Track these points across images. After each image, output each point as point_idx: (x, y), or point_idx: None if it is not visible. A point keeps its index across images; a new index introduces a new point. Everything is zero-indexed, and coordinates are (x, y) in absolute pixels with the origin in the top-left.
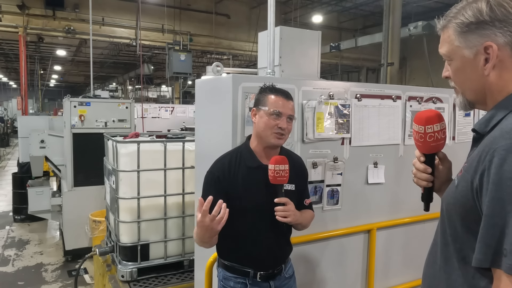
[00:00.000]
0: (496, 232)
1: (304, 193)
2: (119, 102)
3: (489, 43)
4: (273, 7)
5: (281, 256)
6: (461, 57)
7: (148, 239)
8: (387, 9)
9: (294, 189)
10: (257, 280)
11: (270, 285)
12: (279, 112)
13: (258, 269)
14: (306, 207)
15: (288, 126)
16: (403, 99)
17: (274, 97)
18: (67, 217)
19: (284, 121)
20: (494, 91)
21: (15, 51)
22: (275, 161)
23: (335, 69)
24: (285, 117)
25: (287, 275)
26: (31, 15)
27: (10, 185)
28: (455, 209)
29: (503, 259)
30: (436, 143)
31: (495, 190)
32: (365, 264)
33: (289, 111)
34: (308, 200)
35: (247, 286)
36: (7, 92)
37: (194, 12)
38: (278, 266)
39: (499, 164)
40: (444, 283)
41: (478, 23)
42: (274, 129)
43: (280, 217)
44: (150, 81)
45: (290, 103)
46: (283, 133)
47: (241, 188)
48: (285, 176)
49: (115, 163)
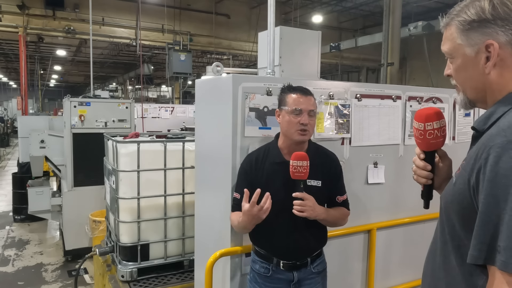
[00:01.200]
0: (491, 229)
1: (335, 190)
2: (119, 102)
3: (490, 41)
4: (273, 7)
5: (306, 249)
6: (463, 55)
7: (148, 239)
8: (387, 9)
9: (320, 185)
10: (280, 268)
11: (293, 275)
12: (299, 110)
13: (281, 258)
14: (338, 204)
15: (311, 121)
16: (403, 99)
17: (293, 96)
18: (67, 217)
19: (305, 117)
20: (494, 90)
21: (15, 51)
22: (294, 157)
23: (335, 69)
24: (306, 113)
25: (314, 270)
26: (31, 15)
27: (10, 185)
28: (453, 207)
29: (497, 255)
30: (435, 141)
31: (490, 187)
32: (365, 264)
33: (310, 106)
34: (341, 197)
35: (269, 272)
36: (7, 92)
37: (194, 12)
38: (303, 258)
39: (495, 162)
40: (443, 281)
41: (480, 21)
42: (297, 126)
43: (297, 211)
44: (150, 81)
45: (309, 99)
46: (306, 129)
47: (264, 182)
48: (303, 172)
49: (115, 163)
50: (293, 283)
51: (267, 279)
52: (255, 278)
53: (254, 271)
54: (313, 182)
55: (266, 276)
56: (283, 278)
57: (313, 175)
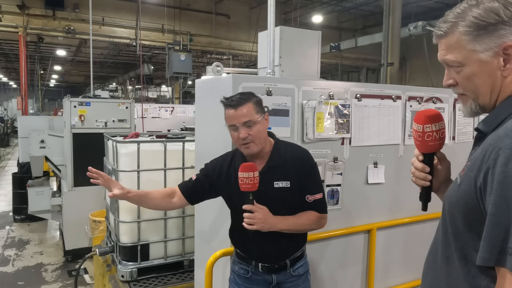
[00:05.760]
0: (502, 231)
1: (305, 189)
2: (119, 102)
3: (509, 43)
4: (273, 7)
5: (282, 252)
6: (477, 61)
7: (148, 239)
8: (387, 9)
9: (289, 186)
10: (259, 270)
11: (272, 278)
12: (233, 125)
13: (259, 260)
14: (309, 204)
15: (250, 131)
16: (403, 99)
17: (226, 111)
18: (67, 217)
19: (242, 131)
20: (507, 92)
21: (15, 51)
22: (242, 168)
23: (335, 69)
24: (240, 126)
25: (294, 273)
26: (31, 15)
27: (10, 185)
28: (457, 208)
29: (508, 257)
30: (434, 143)
31: (500, 188)
32: (365, 264)
33: (242, 118)
34: (312, 197)
35: (248, 273)
36: (7, 92)
37: (194, 12)
38: (280, 261)
39: (504, 163)
40: (445, 281)
41: (495, 24)
42: (239, 141)
43: (246, 225)
44: (150, 81)
45: (241, 109)
46: (247, 141)
47: (225, 186)
48: (251, 183)
49: (115, 163)
50: (272, 285)
51: (246, 281)
52: (235, 279)
53: (234, 272)
54: (281, 184)
55: (246, 277)
56: (262, 280)
57: (280, 176)
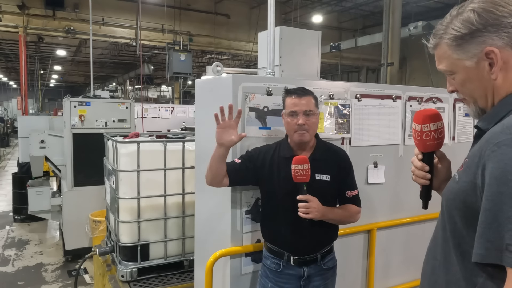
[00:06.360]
0: (497, 226)
1: (344, 185)
2: (119, 102)
3: (489, 48)
4: (273, 7)
5: (314, 244)
6: (464, 68)
7: (148, 239)
8: (387, 9)
9: (329, 180)
10: (291, 263)
11: (304, 271)
12: (294, 112)
13: (291, 253)
14: (348, 199)
15: (307, 121)
16: (403, 99)
17: (289, 99)
18: (67, 217)
19: (301, 118)
20: (501, 92)
21: (15, 51)
22: (295, 160)
23: (335, 69)
24: (301, 113)
25: (324, 266)
26: (31, 15)
27: (10, 185)
28: (455, 204)
29: (506, 253)
30: (432, 142)
31: (496, 184)
32: (365, 264)
33: (304, 107)
34: (351, 193)
35: (280, 267)
36: (7, 92)
37: (194, 12)
38: (312, 254)
39: (500, 159)
40: (443, 278)
41: (471, 33)
42: (294, 127)
43: (302, 214)
44: (150, 81)
45: (304, 99)
46: (303, 129)
47: (268, 175)
48: (305, 175)
49: (115, 163)
50: (303, 278)
51: (278, 274)
52: (266, 273)
53: (266, 266)
54: (322, 177)
55: (277, 271)
56: (293, 274)
57: (322, 169)
